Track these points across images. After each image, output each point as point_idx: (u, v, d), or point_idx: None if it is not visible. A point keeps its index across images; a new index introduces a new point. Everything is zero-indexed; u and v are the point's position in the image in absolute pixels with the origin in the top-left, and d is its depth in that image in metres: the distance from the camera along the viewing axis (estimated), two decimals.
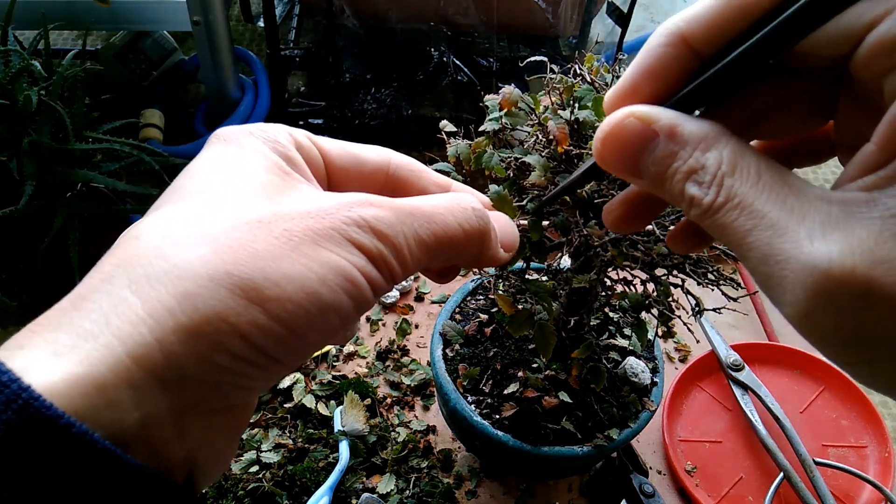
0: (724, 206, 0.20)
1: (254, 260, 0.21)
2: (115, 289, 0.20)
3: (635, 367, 0.50)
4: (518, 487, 0.57)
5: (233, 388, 0.21)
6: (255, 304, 0.20)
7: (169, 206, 0.23)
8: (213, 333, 0.19)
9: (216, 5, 1.52)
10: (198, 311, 0.19)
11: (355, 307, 0.23)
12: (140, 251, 0.21)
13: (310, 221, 0.22)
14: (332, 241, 0.22)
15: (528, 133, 0.40)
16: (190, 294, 0.19)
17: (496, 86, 1.12)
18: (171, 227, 0.21)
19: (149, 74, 1.78)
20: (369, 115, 1.73)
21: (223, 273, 0.20)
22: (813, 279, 0.18)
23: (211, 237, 0.21)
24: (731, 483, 0.59)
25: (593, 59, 0.40)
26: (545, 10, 1.37)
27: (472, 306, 0.56)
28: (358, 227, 0.23)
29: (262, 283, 0.20)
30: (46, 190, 1.22)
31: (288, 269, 0.21)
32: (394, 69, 1.60)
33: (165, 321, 0.19)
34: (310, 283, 0.21)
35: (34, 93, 1.14)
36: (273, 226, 0.22)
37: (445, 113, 1.66)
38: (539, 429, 0.48)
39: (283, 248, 0.21)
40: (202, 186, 0.23)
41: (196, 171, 0.24)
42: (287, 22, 1.89)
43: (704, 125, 0.22)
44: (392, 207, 0.24)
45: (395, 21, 1.48)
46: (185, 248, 0.20)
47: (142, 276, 0.20)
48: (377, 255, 0.23)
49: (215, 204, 0.22)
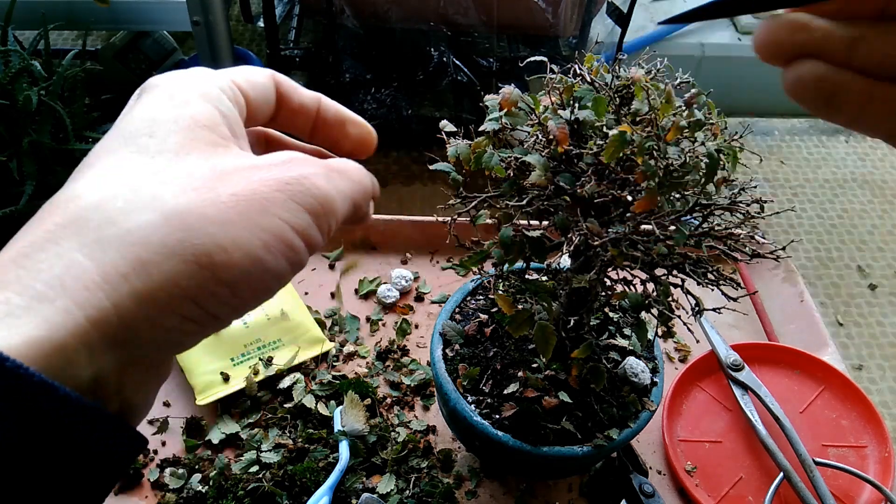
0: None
1: (204, 226, 0.21)
2: (64, 251, 0.20)
3: (635, 367, 0.50)
4: (518, 487, 0.57)
5: (174, 346, 0.22)
6: (205, 269, 0.21)
7: (105, 163, 0.23)
8: (166, 298, 0.20)
9: (216, 5, 1.52)
10: (152, 277, 0.20)
11: (292, 270, 0.24)
12: (86, 214, 0.21)
13: (254, 185, 0.23)
14: (277, 203, 0.23)
15: (528, 133, 0.40)
16: (144, 261, 0.20)
17: (496, 86, 1.12)
18: (116, 189, 0.21)
19: (149, 74, 1.76)
20: (369, 114, 1.73)
21: (175, 241, 0.21)
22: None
23: (160, 202, 0.21)
24: (731, 483, 0.59)
25: (593, 59, 0.40)
26: (545, 11, 1.37)
27: (472, 306, 0.56)
28: (303, 186, 0.24)
29: (213, 250, 0.21)
30: (46, 190, 1.22)
31: (236, 235, 0.22)
32: (394, 69, 1.60)
33: (121, 286, 0.20)
34: (255, 249, 0.22)
35: (34, 93, 1.15)
36: (220, 190, 0.22)
37: (445, 113, 1.66)
38: (539, 429, 0.48)
39: (231, 214, 0.22)
40: (140, 143, 0.23)
41: (130, 130, 0.24)
42: (287, 22, 1.89)
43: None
44: (322, 164, 0.26)
45: (395, 21, 1.48)
46: (134, 213, 0.21)
47: (93, 241, 0.20)
48: (321, 214, 0.24)
49: (157, 164, 0.23)
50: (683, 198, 0.38)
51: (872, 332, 1.60)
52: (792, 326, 0.71)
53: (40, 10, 1.36)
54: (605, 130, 0.37)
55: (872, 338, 1.59)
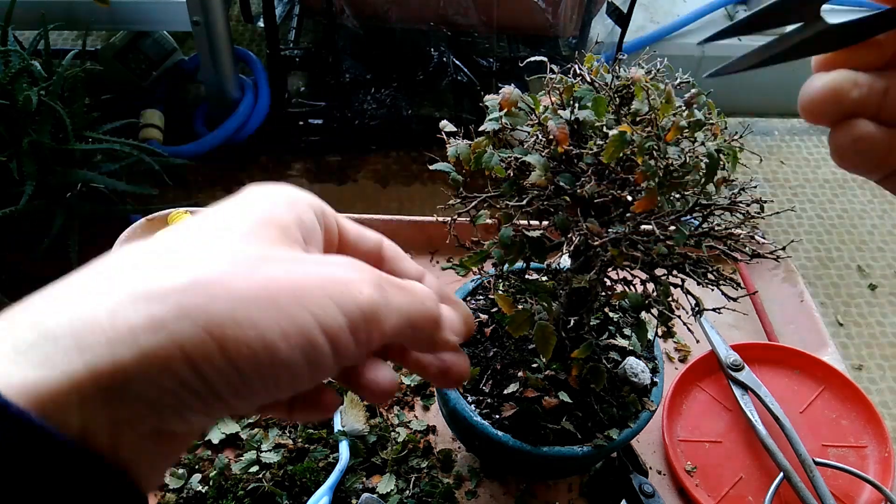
0: None
1: (227, 297, 0.21)
2: (89, 296, 0.20)
3: (635, 367, 0.50)
4: (518, 487, 0.57)
5: (172, 414, 0.21)
6: (214, 340, 0.20)
7: (175, 233, 0.24)
8: (166, 357, 0.20)
9: (216, 5, 1.52)
10: (157, 335, 0.20)
11: (309, 371, 0.23)
12: (124, 262, 0.22)
13: (296, 275, 0.23)
14: (313, 298, 0.22)
15: (528, 133, 0.40)
16: (155, 318, 0.20)
17: (496, 86, 1.12)
18: (164, 251, 0.22)
19: (149, 74, 1.77)
20: (369, 115, 1.73)
21: (193, 305, 0.20)
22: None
23: (194, 267, 0.21)
24: (731, 483, 0.59)
25: (593, 59, 0.40)
26: (545, 11, 1.37)
27: (471, 306, 0.56)
28: (346, 288, 0.23)
29: (226, 322, 0.21)
30: (46, 190, 1.22)
31: (255, 315, 0.21)
32: (394, 69, 1.60)
33: (125, 338, 0.19)
34: (271, 333, 0.21)
35: (34, 93, 1.15)
36: (259, 271, 0.22)
37: (445, 113, 1.66)
38: (539, 429, 0.48)
39: (259, 293, 0.21)
40: (211, 223, 0.24)
41: (213, 214, 0.25)
42: (287, 22, 1.89)
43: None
44: (379, 275, 0.25)
45: (395, 21, 1.48)
46: (165, 271, 0.21)
47: (115, 288, 0.21)
48: (359, 319, 0.23)
49: (214, 240, 0.23)
50: (683, 198, 0.38)
51: (872, 332, 1.60)
52: (792, 326, 0.71)
53: (40, 10, 1.36)
54: (605, 130, 0.37)
55: (872, 338, 1.59)
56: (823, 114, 0.23)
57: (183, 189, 1.71)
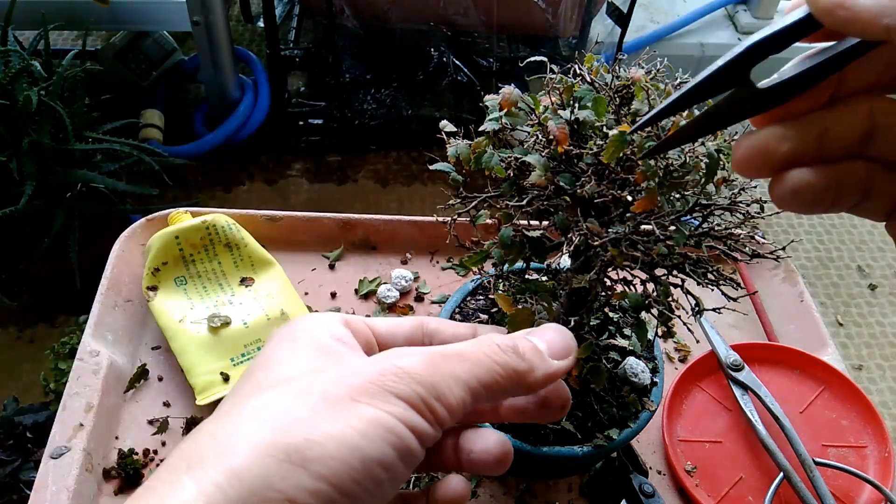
0: None
1: (295, 425, 0.22)
2: (175, 476, 0.21)
3: (635, 367, 0.50)
4: (518, 487, 0.57)
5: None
6: (299, 467, 0.21)
7: (225, 403, 0.25)
8: (260, 502, 0.20)
9: (216, 5, 1.52)
10: (243, 483, 0.20)
11: (400, 458, 0.23)
12: (198, 437, 0.23)
13: (349, 380, 0.24)
14: (370, 394, 0.23)
15: (528, 133, 0.40)
16: (235, 468, 0.21)
17: (496, 86, 1.12)
18: (223, 413, 0.24)
19: (149, 74, 1.77)
20: (369, 115, 1.73)
21: (266, 443, 0.21)
22: None
23: (257, 412, 0.23)
24: (731, 483, 0.59)
25: (593, 59, 0.40)
26: (545, 11, 1.37)
27: (472, 306, 0.56)
28: (395, 375, 0.24)
29: (304, 445, 0.21)
30: (46, 190, 1.22)
31: (328, 428, 0.22)
32: (394, 69, 1.60)
33: (214, 497, 0.20)
34: (350, 438, 0.22)
35: (34, 93, 1.15)
36: (313, 389, 0.23)
37: (445, 113, 1.66)
38: (539, 428, 0.48)
39: (321, 408, 0.22)
40: (257, 377, 0.25)
41: (249, 373, 0.26)
42: (287, 22, 1.89)
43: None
44: (425, 352, 0.26)
45: (395, 21, 1.48)
46: (232, 425, 0.22)
47: (196, 460, 0.21)
48: (416, 399, 0.24)
49: (262, 390, 0.24)
50: (683, 198, 0.38)
51: (872, 332, 1.60)
52: (792, 326, 0.71)
53: (40, 10, 1.36)
54: (605, 130, 0.37)
55: (872, 338, 1.59)
56: (755, 171, 0.23)
57: (183, 189, 1.71)
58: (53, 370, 1.06)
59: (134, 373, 0.61)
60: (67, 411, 0.55)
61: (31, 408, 1.07)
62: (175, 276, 0.65)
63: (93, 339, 0.60)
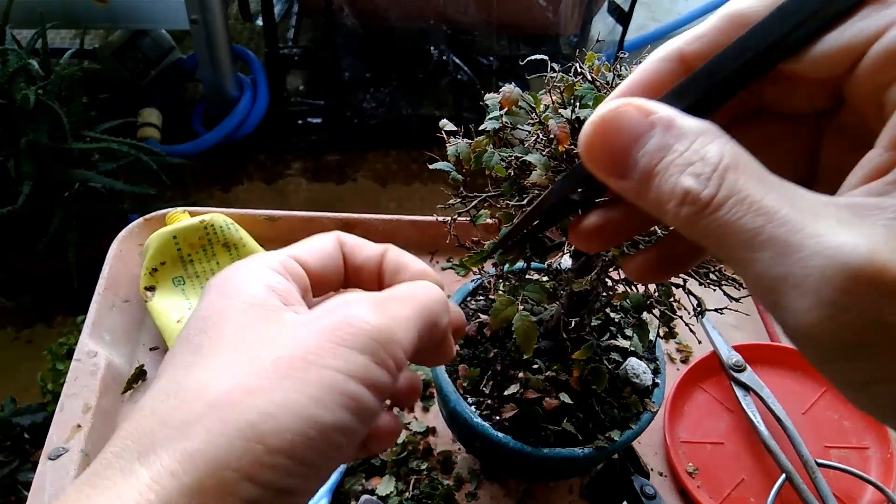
0: (728, 202, 0.19)
1: (247, 398, 0.21)
2: (125, 462, 0.20)
3: (636, 368, 0.50)
4: (518, 489, 0.57)
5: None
6: (255, 443, 0.20)
7: (166, 373, 0.23)
8: (218, 485, 0.19)
9: (214, 4, 1.52)
10: (198, 468, 0.19)
11: (359, 420, 0.22)
12: (144, 421, 0.21)
13: (300, 340, 0.22)
14: (325, 354, 0.22)
15: (529, 132, 0.39)
16: (189, 452, 0.20)
17: (496, 84, 1.11)
18: (168, 393, 0.22)
19: (147, 73, 1.77)
20: (369, 113, 1.72)
21: (218, 422, 0.20)
22: (842, 276, 0.17)
23: (205, 390, 0.21)
24: (733, 485, 0.58)
25: (594, 57, 0.39)
26: (546, 9, 1.37)
27: (472, 307, 0.55)
28: (350, 326, 0.23)
29: (258, 420, 0.20)
30: (44, 190, 1.21)
31: (281, 398, 0.21)
32: (393, 68, 1.59)
33: (169, 484, 0.19)
34: (306, 408, 0.21)
35: (32, 92, 1.14)
36: (262, 357, 0.22)
37: (445, 112, 1.65)
38: (540, 430, 0.47)
39: (274, 378, 0.21)
40: (194, 343, 0.24)
41: (186, 336, 0.25)
42: (286, 20, 1.89)
43: (703, 122, 0.21)
44: (372, 298, 0.24)
45: (394, 20, 1.48)
46: (180, 409, 0.21)
47: (147, 447, 0.20)
48: (373, 351, 0.23)
49: (204, 361, 0.23)
50: None
51: None
52: None
53: (38, 8, 1.36)
54: None
55: None
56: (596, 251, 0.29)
57: (181, 188, 1.70)
58: (51, 371, 1.06)
59: (132, 373, 0.61)
60: (65, 412, 0.55)
61: (28, 408, 1.07)
62: (173, 276, 0.65)
63: (90, 340, 0.60)
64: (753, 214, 0.18)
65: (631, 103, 0.21)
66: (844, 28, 0.20)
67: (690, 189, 0.19)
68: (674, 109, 0.21)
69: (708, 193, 0.19)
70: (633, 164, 0.21)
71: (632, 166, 0.21)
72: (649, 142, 0.20)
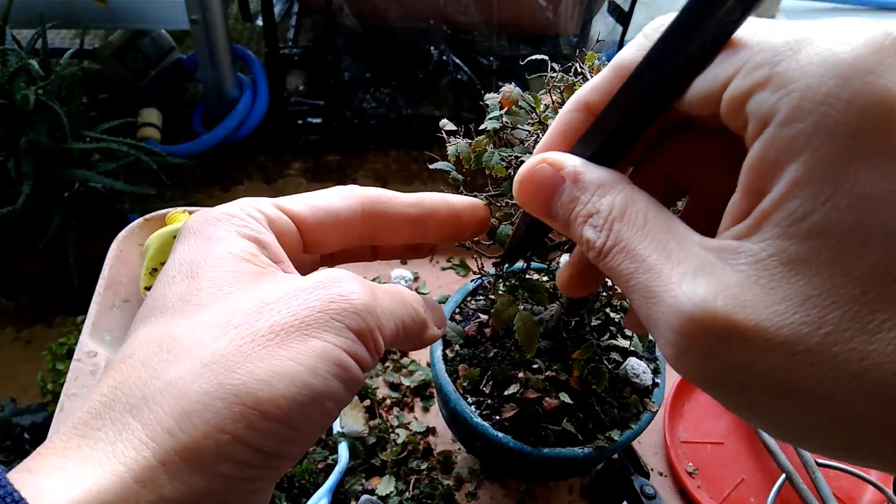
0: (612, 250, 0.22)
1: (243, 363, 0.21)
2: (117, 414, 0.21)
3: (637, 368, 0.50)
4: (518, 489, 0.57)
5: (241, 493, 0.21)
6: (250, 409, 0.20)
7: (153, 320, 0.23)
8: (214, 446, 0.20)
9: (214, 4, 1.52)
10: (196, 427, 0.20)
11: (347, 388, 0.23)
12: (135, 372, 0.21)
13: (294, 308, 0.23)
14: (319, 325, 0.23)
15: (529, 132, 0.39)
16: (186, 412, 0.20)
17: (496, 84, 1.11)
18: (161, 342, 0.22)
19: (147, 73, 1.77)
20: (368, 113, 1.72)
21: (215, 384, 0.20)
22: (680, 321, 0.19)
23: (199, 347, 0.21)
24: (733, 485, 0.58)
25: (594, 57, 0.39)
26: (546, 9, 1.37)
27: (471, 307, 0.55)
28: (345, 302, 0.24)
29: (254, 386, 0.21)
30: (44, 190, 1.22)
31: (277, 365, 0.21)
32: (393, 68, 1.60)
33: (166, 442, 0.20)
34: (299, 375, 0.21)
35: (32, 92, 1.14)
36: (260, 323, 0.22)
37: (445, 112, 1.66)
38: (540, 430, 0.47)
39: (270, 346, 0.22)
40: (180, 295, 0.24)
41: (171, 279, 0.24)
42: (286, 20, 1.89)
43: (604, 172, 0.23)
44: (364, 283, 0.25)
45: (394, 20, 1.48)
46: (175, 364, 0.21)
47: (140, 400, 0.21)
48: (365, 331, 0.24)
49: (196, 313, 0.23)
50: None
51: None
52: None
53: (38, 8, 1.36)
54: None
55: None
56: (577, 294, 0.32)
57: (181, 188, 1.70)
58: (51, 371, 1.06)
59: None
60: (65, 412, 0.55)
61: (28, 409, 1.07)
62: None
63: (90, 340, 0.60)
64: (628, 262, 0.21)
65: (545, 160, 0.25)
66: (705, 75, 0.21)
67: (589, 238, 0.23)
68: (581, 161, 0.24)
69: (600, 243, 0.22)
70: (556, 213, 0.24)
71: (554, 214, 0.24)
72: (563, 195, 0.24)
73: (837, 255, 0.18)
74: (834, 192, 0.18)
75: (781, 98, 0.18)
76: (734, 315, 0.18)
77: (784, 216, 0.18)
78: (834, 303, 0.17)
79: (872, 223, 0.17)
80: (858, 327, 0.17)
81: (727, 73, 0.20)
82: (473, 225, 0.34)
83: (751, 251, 0.19)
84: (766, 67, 0.19)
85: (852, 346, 0.17)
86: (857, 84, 0.17)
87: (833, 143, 0.18)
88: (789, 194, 0.18)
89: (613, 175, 0.23)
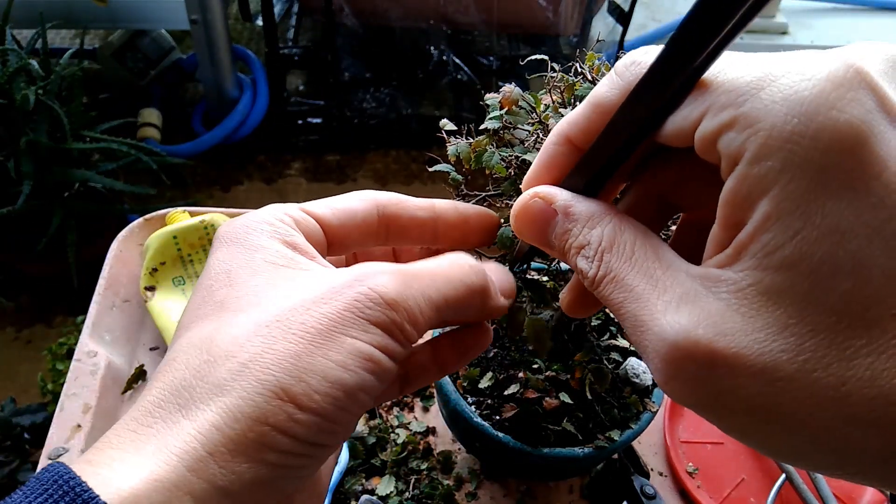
0: (604, 280, 0.23)
1: (278, 361, 0.23)
2: (167, 413, 0.23)
3: (637, 368, 0.50)
4: (518, 489, 0.57)
5: (288, 480, 0.23)
6: (287, 402, 0.22)
7: (194, 326, 0.25)
8: (257, 437, 0.22)
9: (214, 4, 1.52)
10: (239, 421, 0.22)
11: (379, 380, 0.24)
12: (181, 374, 0.23)
13: (323, 308, 0.24)
14: (347, 323, 0.24)
15: (529, 132, 0.39)
16: (230, 408, 0.22)
17: (496, 84, 1.11)
18: (201, 347, 0.24)
19: (147, 73, 1.77)
20: (368, 113, 1.72)
21: (255, 381, 0.22)
22: (665, 349, 0.20)
23: (240, 349, 0.23)
24: (733, 485, 0.58)
25: (594, 57, 0.39)
26: (546, 9, 1.37)
27: None
28: (370, 301, 0.25)
29: (288, 382, 0.23)
30: (44, 190, 1.22)
31: (308, 362, 0.23)
32: (393, 68, 1.60)
33: (213, 436, 0.22)
34: (331, 371, 0.23)
35: (32, 92, 1.14)
36: (290, 322, 0.24)
37: (445, 112, 1.66)
38: (540, 430, 0.47)
39: (302, 343, 0.23)
40: (219, 303, 0.26)
41: (209, 287, 0.26)
42: (286, 20, 1.89)
43: (593, 205, 0.25)
44: (397, 272, 0.26)
45: (394, 20, 1.48)
46: (216, 366, 0.23)
47: (188, 400, 0.23)
48: (391, 325, 0.25)
49: (234, 318, 0.25)
50: None
51: None
52: None
53: (38, 8, 1.36)
54: None
55: None
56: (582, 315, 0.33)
57: (181, 188, 1.70)
58: (51, 371, 1.06)
59: (132, 374, 0.61)
60: (65, 412, 0.55)
61: (28, 409, 1.07)
62: (173, 276, 0.65)
63: (90, 340, 0.60)
64: (618, 291, 0.23)
65: (537, 194, 0.26)
66: (676, 115, 0.22)
67: (582, 269, 0.24)
68: (570, 195, 0.26)
69: (592, 273, 0.24)
70: (551, 244, 0.26)
71: (551, 244, 0.26)
72: (556, 228, 0.26)
73: (811, 286, 0.18)
74: (803, 226, 0.18)
75: (749, 137, 0.19)
76: (715, 343, 0.19)
77: (759, 248, 0.19)
78: (811, 331, 0.18)
79: (841, 254, 0.18)
80: (836, 354, 0.18)
81: (696, 113, 0.21)
82: (481, 230, 0.34)
83: (731, 280, 0.20)
84: (731, 108, 0.20)
85: (831, 371, 0.18)
86: (820, 120, 0.18)
87: (800, 178, 0.18)
88: (762, 227, 0.19)
89: (601, 207, 0.25)
